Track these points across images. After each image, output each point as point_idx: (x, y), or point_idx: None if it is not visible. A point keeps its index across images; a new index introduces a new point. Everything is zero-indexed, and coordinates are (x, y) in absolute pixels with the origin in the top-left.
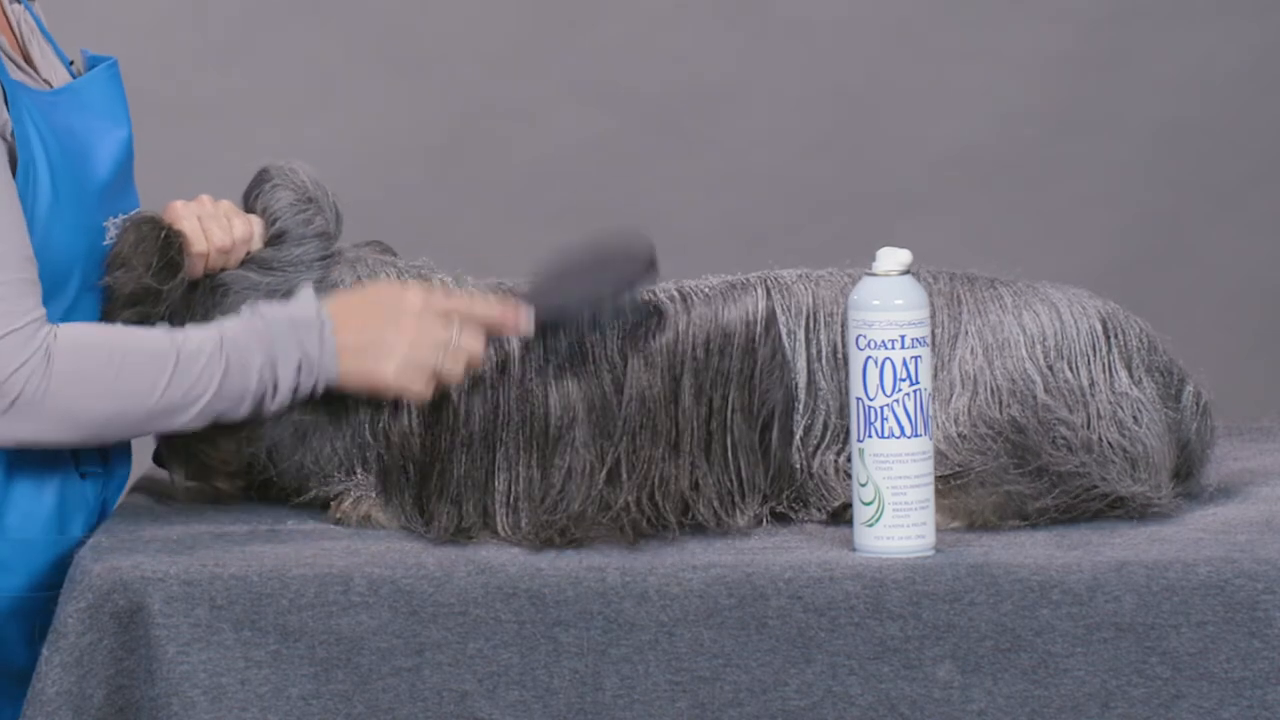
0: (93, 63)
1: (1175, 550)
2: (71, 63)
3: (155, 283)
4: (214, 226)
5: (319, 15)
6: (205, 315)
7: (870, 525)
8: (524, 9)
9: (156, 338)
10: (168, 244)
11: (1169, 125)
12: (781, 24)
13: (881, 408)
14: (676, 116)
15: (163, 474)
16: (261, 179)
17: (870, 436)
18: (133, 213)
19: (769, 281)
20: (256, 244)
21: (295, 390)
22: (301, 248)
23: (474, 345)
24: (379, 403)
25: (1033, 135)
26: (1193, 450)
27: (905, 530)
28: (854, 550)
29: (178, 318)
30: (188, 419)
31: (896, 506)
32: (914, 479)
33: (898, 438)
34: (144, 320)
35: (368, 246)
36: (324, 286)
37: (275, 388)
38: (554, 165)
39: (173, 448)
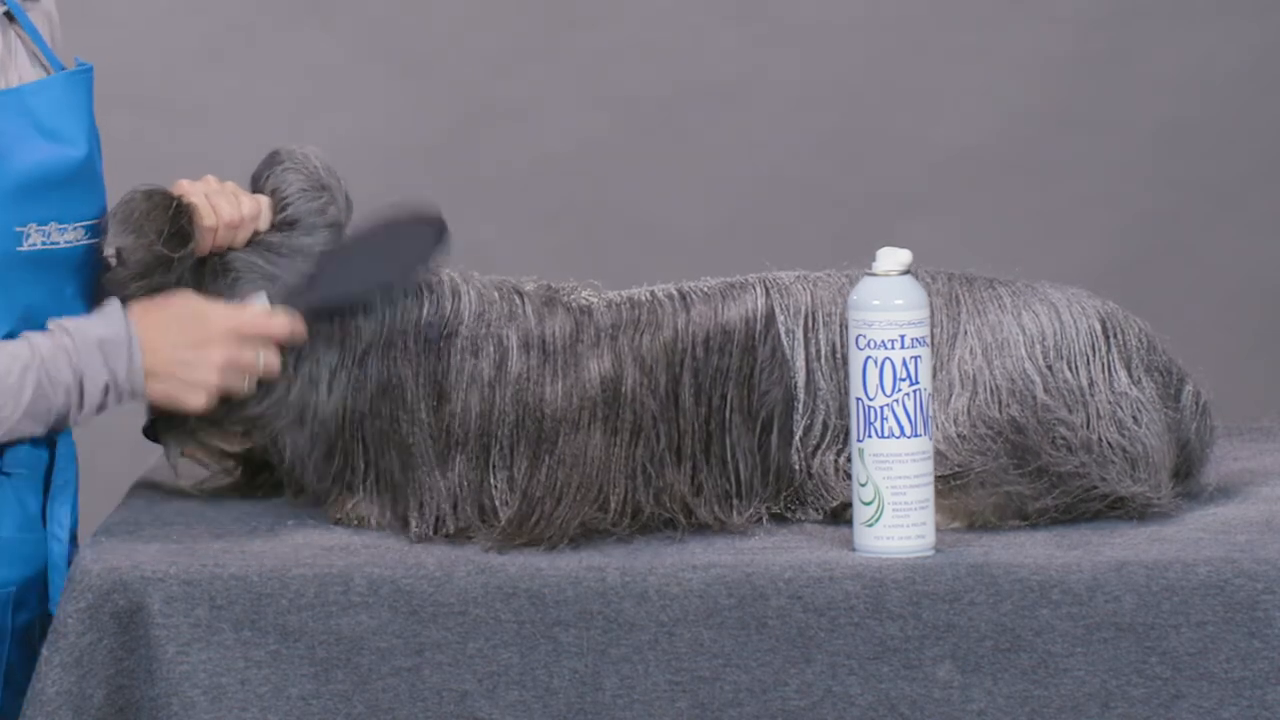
0: None
1: (1175, 550)
2: (64, 68)
3: (167, 250)
4: (222, 202)
5: (319, 15)
6: (215, 296)
7: (870, 525)
8: (524, 9)
9: None
10: (179, 213)
11: (1169, 125)
12: (781, 24)
13: (881, 408)
14: (676, 116)
15: (163, 475)
16: (273, 160)
17: (870, 436)
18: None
19: (767, 282)
20: (264, 224)
21: (100, 408)
22: (311, 237)
23: (273, 362)
24: None
25: (1033, 135)
26: (1192, 450)
27: (905, 530)
28: (854, 550)
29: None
30: None
31: (896, 506)
32: (914, 479)
33: (897, 438)
34: (155, 291)
35: None
36: None
37: (81, 406)
38: (554, 165)
39: (170, 425)
